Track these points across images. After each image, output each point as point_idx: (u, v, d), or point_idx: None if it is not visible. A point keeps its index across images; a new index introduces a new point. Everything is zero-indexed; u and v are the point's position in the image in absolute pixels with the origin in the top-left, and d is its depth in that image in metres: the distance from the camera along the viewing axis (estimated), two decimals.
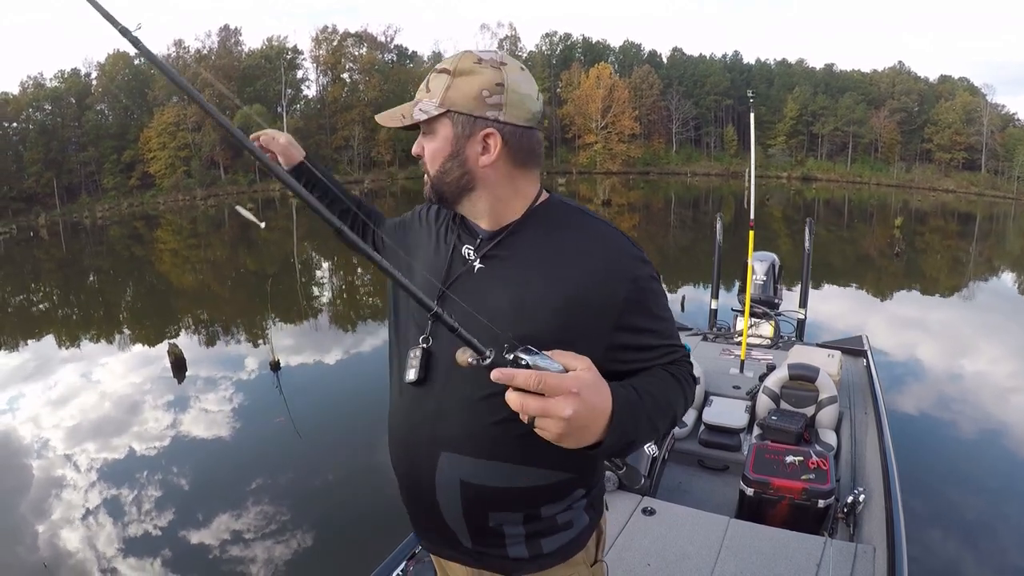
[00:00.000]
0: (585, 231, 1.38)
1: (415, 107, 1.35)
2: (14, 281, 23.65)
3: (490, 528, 1.41)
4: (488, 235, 1.42)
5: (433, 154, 1.37)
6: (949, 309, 14.35)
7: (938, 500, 5.55)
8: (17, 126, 51.54)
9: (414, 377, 1.39)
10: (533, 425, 1.06)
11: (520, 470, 1.36)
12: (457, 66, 1.32)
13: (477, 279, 1.39)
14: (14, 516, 6.14)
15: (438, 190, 1.40)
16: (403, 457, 1.48)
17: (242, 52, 59.52)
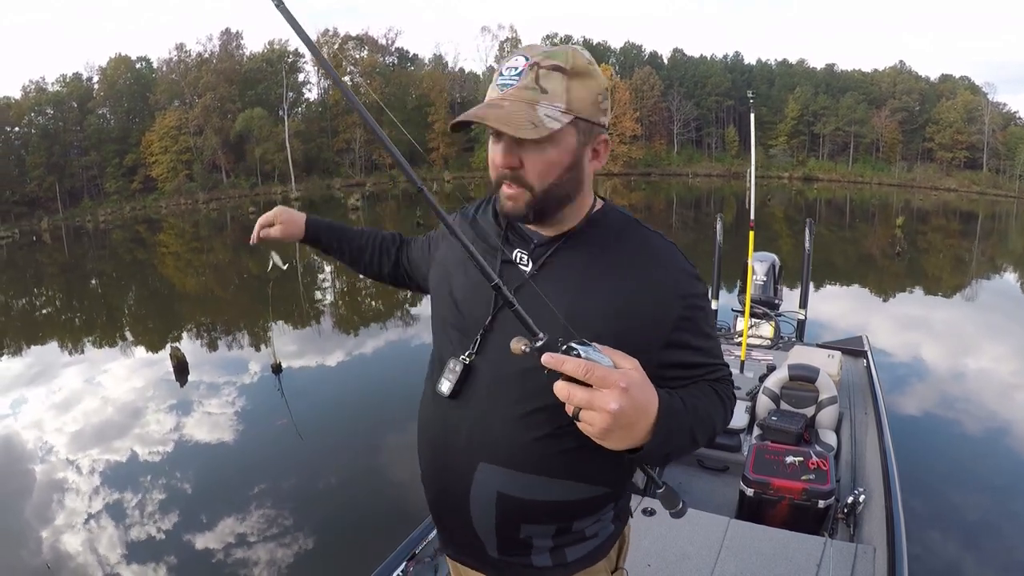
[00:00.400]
0: (642, 244, 1.35)
1: (535, 110, 1.19)
2: (17, 285, 23.71)
3: (520, 539, 1.39)
4: (544, 240, 1.37)
5: (548, 165, 1.24)
6: (951, 308, 14.34)
7: (939, 500, 5.55)
8: (19, 130, 51.67)
9: (447, 391, 1.37)
10: (577, 418, 1.02)
11: (559, 484, 1.34)
12: (573, 65, 1.22)
13: (534, 285, 1.32)
14: (18, 520, 6.16)
15: (542, 206, 1.28)
16: (435, 463, 1.46)
17: (243, 56, 59.58)
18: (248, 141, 54.04)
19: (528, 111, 1.18)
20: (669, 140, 63.48)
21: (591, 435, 1.03)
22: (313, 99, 62.83)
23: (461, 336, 1.39)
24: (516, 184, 1.25)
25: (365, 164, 59.78)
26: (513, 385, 1.30)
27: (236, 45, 59.40)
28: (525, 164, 1.23)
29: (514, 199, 1.27)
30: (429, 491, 1.53)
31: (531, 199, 1.26)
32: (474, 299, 1.37)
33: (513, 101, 1.20)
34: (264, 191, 53.17)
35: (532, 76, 1.20)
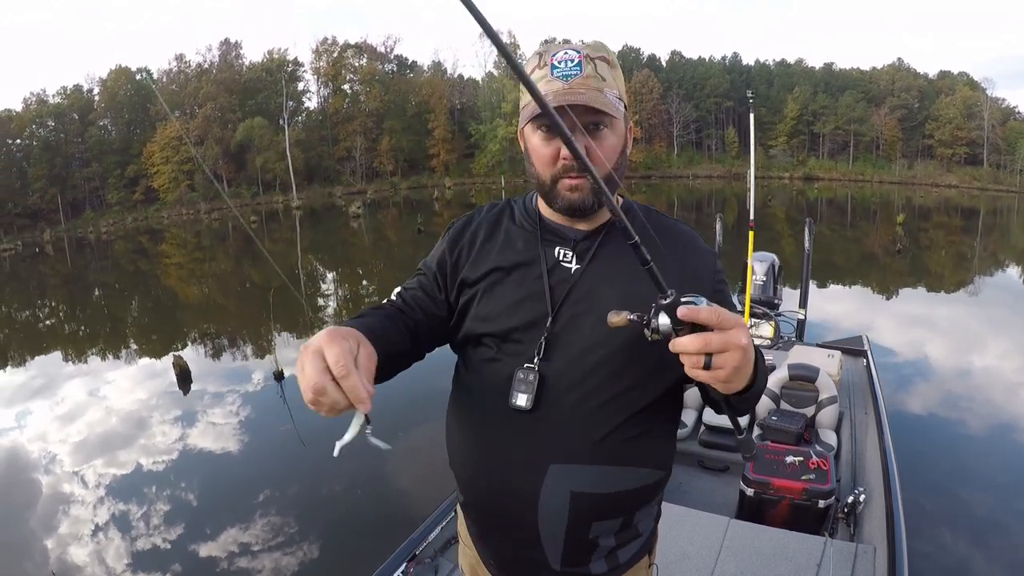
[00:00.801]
0: (671, 228, 1.43)
1: (604, 95, 1.26)
2: (20, 297, 23.74)
3: (588, 540, 1.37)
4: (584, 235, 1.39)
5: (612, 150, 1.30)
6: (952, 305, 14.32)
7: (939, 499, 5.54)
8: (21, 142, 51.99)
9: (526, 403, 1.31)
10: (708, 367, 1.02)
11: (631, 472, 1.35)
12: (613, 59, 1.31)
13: (584, 282, 1.35)
14: (23, 530, 6.17)
15: (606, 191, 1.25)
16: (495, 481, 1.39)
17: (243, 65, 59.76)
18: (249, 150, 54.15)
19: (600, 95, 1.24)
20: (669, 142, 63.48)
21: (720, 380, 1.05)
22: (313, 108, 63.05)
23: (516, 346, 1.36)
24: (582, 173, 1.27)
25: (366, 172, 59.86)
26: (588, 379, 1.31)
27: (235, 55, 59.68)
28: (590, 151, 1.23)
29: (580, 189, 1.29)
30: (483, 512, 1.47)
31: (600, 185, 1.20)
32: (528, 304, 1.35)
33: (587, 89, 1.24)
34: (265, 200, 53.31)
35: (591, 66, 1.26)
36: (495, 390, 1.35)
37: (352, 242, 29.98)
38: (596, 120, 1.25)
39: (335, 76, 61.61)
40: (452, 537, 3.56)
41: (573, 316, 1.31)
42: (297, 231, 35.98)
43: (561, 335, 1.32)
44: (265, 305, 11.90)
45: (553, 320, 1.32)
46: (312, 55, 62.01)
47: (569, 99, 1.21)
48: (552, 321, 1.32)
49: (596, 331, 1.29)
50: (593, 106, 1.22)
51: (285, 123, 56.12)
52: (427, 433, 7.34)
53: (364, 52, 62.88)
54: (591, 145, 1.24)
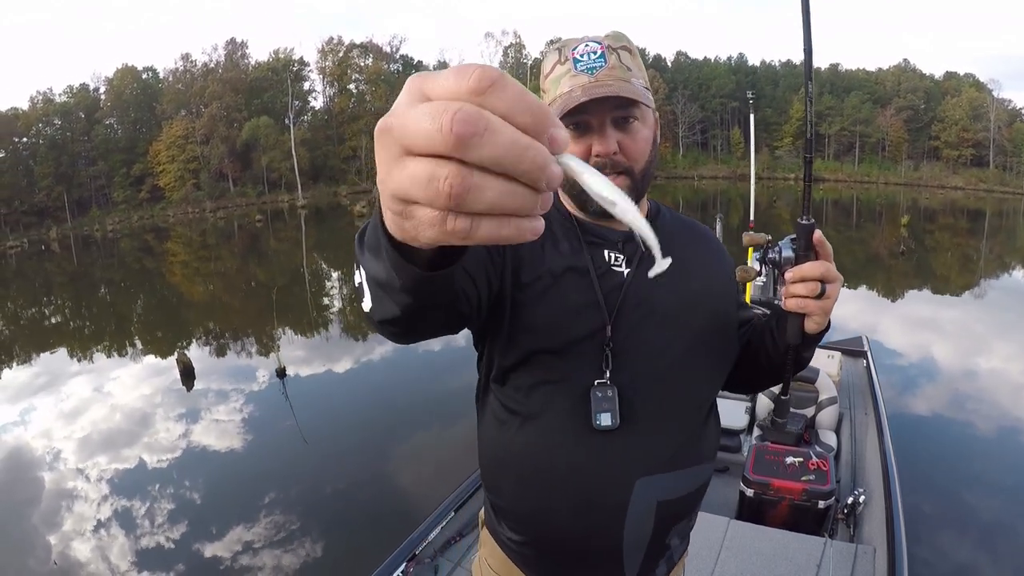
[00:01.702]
0: (693, 227, 1.47)
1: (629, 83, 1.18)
2: (26, 294, 23.83)
3: (665, 545, 1.34)
4: (626, 236, 1.29)
5: (645, 144, 1.23)
6: (953, 307, 14.27)
7: (939, 500, 5.53)
8: (27, 141, 52.14)
9: (612, 422, 1.21)
10: (821, 295, 1.17)
11: (699, 470, 1.33)
12: (632, 47, 1.24)
13: (638, 285, 1.25)
14: (27, 527, 6.20)
15: (641, 187, 1.25)
16: (580, 507, 1.27)
17: (249, 65, 59.87)
18: (254, 149, 54.23)
19: (630, 86, 1.18)
20: (674, 143, 63.43)
21: (826, 311, 1.20)
22: (319, 107, 63.12)
23: (577, 359, 1.23)
24: (614, 171, 1.20)
25: (371, 171, 59.81)
26: (661, 387, 1.26)
27: (241, 54, 59.77)
28: (623, 147, 1.20)
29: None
30: (559, 540, 1.33)
31: (631, 184, 1.21)
32: (585, 314, 1.22)
33: (615, 80, 1.18)
34: (271, 199, 53.39)
35: (615, 57, 1.19)
36: (568, 412, 1.23)
37: None
38: (626, 114, 1.19)
39: (341, 76, 61.72)
40: (452, 537, 3.59)
41: (633, 322, 1.23)
42: (302, 230, 36.03)
43: (625, 344, 1.22)
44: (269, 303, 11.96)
45: (613, 329, 1.22)
46: (318, 55, 62.24)
47: (599, 91, 1.15)
48: (612, 330, 1.22)
49: (660, 335, 1.25)
50: (627, 96, 1.16)
51: (291, 122, 56.18)
52: (427, 433, 7.39)
53: (370, 52, 63.01)
54: (624, 141, 1.20)
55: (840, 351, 6.07)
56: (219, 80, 55.77)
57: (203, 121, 53.60)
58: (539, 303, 1.22)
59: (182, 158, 52.29)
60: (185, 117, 54.71)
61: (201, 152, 52.93)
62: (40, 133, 52.73)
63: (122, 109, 55.68)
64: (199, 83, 56.06)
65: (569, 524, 1.29)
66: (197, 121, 53.84)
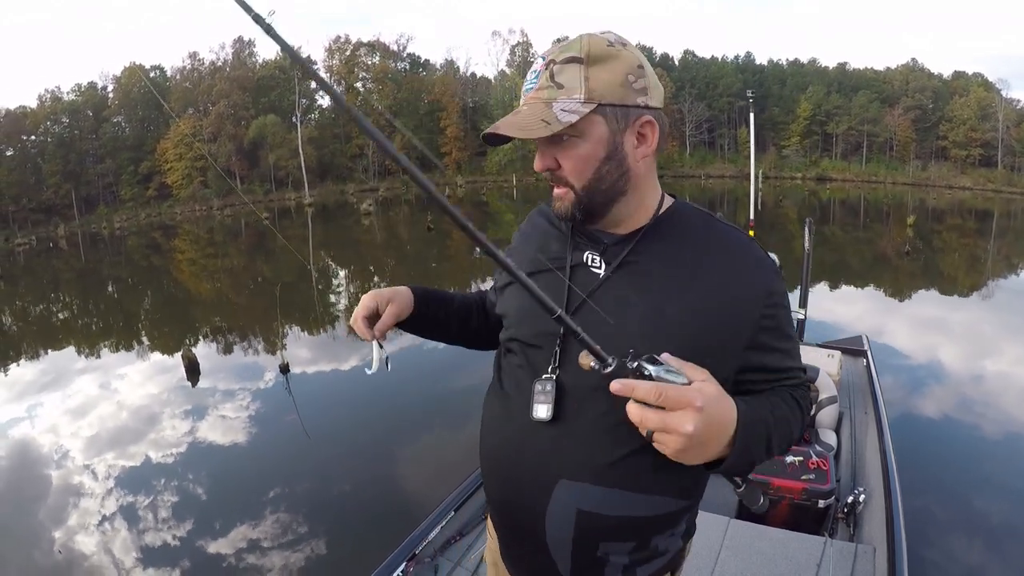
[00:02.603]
0: (720, 239, 1.28)
1: (551, 108, 1.16)
2: (34, 291, 23.90)
3: (596, 558, 1.31)
4: (616, 240, 1.30)
5: (583, 161, 1.20)
6: (957, 308, 14.21)
7: (939, 500, 5.52)
8: (36, 139, 52.41)
9: (546, 414, 1.26)
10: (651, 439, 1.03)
11: (644, 499, 1.26)
12: (589, 52, 1.16)
13: (608, 288, 1.27)
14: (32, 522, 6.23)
15: (589, 203, 1.23)
16: (509, 487, 1.38)
17: (256, 63, 59.98)
18: (262, 148, 54.33)
19: (543, 110, 1.16)
20: (681, 142, 63.30)
21: (667, 455, 1.04)
22: (326, 105, 63.13)
23: (537, 352, 1.32)
24: (560, 184, 1.24)
25: (379, 169, 59.93)
26: (600, 397, 1.16)
27: (248, 53, 59.87)
28: (561, 163, 1.21)
29: (561, 199, 1.25)
30: (501, 515, 1.47)
31: (575, 199, 1.23)
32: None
33: (531, 105, 1.19)
34: (278, 197, 53.49)
35: (547, 75, 1.18)
36: (517, 398, 1.34)
37: (363, 239, 30.06)
38: (560, 133, 1.16)
39: (348, 74, 61.73)
40: (452, 536, 3.59)
41: (591, 324, 1.12)
42: (309, 228, 36.07)
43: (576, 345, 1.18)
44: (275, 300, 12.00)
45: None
46: (325, 53, 62.27)
47: (494, 126, 1.19)
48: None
49: (614, 342, 1.11)
50: (504, 133, 1.17)
51: (298, 121, 56.27)
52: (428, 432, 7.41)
53: (377, 50, 62.99)
54: (560, 158, 1.21)
55: (840, 350, 6.07)
56: (227, 78, 55.89)
57: (211, 119, 53.72)
58: (512, 297, 1.40)
59: (189, 156, 52.42)
60: (193, 115, 54.84)
61: (208, 150, 53.03)
62: (48, 131, 52.94)
63: (130, 107, 55.87)
64: (206, 82, 56.20)
65: (504, 507, 1.43)
66: (204, 119, 53.95)
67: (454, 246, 24.05)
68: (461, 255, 21.17)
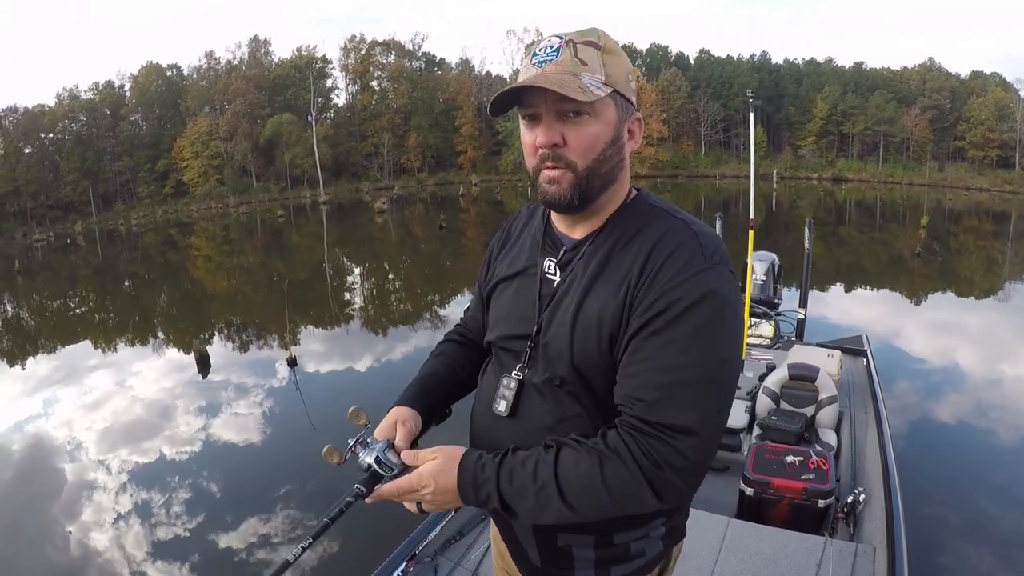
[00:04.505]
0: (651, 232, 1.24)
1: (578, 80, 1.17)
2: (51, 287, 24.16)
3: (559, 548, 1.37)
4: (572, 245, 1.33)
5: (593, 139, 1.20)
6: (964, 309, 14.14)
7: (939, 499, 5.52)
8: (54, 137, 52.63)
9: (504, 410, 1.36)
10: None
11: None
12: (605, 42, 1.22)
13: (559, 296, 1.30)
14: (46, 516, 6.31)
15: (587, 184, 1.22)
16: None
17: (272, 62, 60.21)
18: (277, 146, 54.54)
19: (573, 79, 1.16)
20: (696, 142, 62.90)
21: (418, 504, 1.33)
22: (341, 104, 63.33)
23: (509, 353, 1.40)
24: (558, 164, 1.21)
25: (393, 168, 60.00)
26: (545, 394, 1.31)
27: (264, 52, 60.10)
28: (568, 140, 1.20)
29: (558, 181, 1.22)
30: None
31: (575, 179, 1.21)
32: (522, 313, 1.36)
33: (555, 72, 1.17)
34: (293, 195, 53.69)
35: (570, 51, 1.19)
36: (489, 396, 1.42)
37: (378, 237, 30.17)
38: (572, 107, 1.18)
39: (363, 73, 61.81)
40: (452, 536, 3.60)
41: (546, 331, 1.30)
42: (324, 226, 36.21)
43: (541, 347, 1.31)
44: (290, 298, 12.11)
45: (537, 332, 1.32)
46: (340, 52, 62.31)
47: (530, 81, 1.17)
48: (536, 332, 1.32)
49: (557, 349, 1.27)
50: (548, 88, 1.14)
51: (313, 119, 56.34)
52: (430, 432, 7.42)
53: (392, 49, 63.00)
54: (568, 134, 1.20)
55: (840, 350, 6.05)
56: (242, 77, 56.13)
57: (227, 118, 53.97)
58: (493, 304, 1.49)
59: (206, 154, 52.69)
60: (209, 114, 55.10)
61: (224, 148, 53.29)
62: (66, 129, 53.22)
63: (147, 106, 56.24)
64: (223, 80, 56.49)
65: None
66: (221, 118, 54.21)
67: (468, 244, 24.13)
68: (475, 254, 21.23)
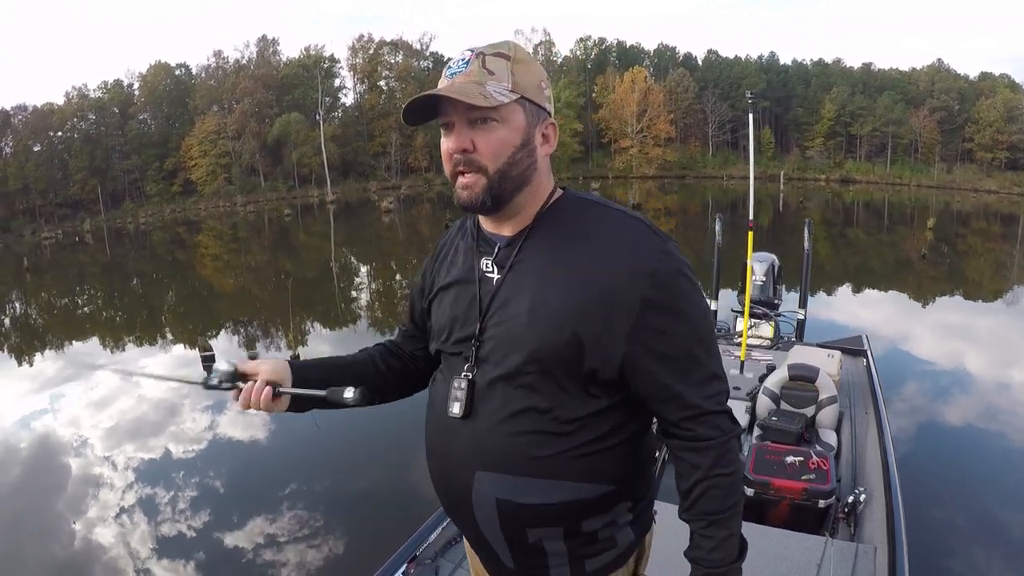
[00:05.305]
0: (599, 223, 1.32)
1: (484, 87, 1.23)
2: (60, 284, 24.27)
3: (530, 545, 1.36)
4: (506, 242, 1.36)
5: (501, 144, 1.26)
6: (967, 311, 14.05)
7: (940, 499, 5.49)
8: (63, 135, 53.07)
9: (459, 411, 1.35)
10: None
11: (556, 485, 1.30)
12: (515, 53, 1.28)
13: (501, 293, 1.34)
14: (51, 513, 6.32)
15: (499, 187, 1.27)
16: (440, 478, 1.46)
17: (280, 62, 60.38)
18: (285, 145, 54.70)
19: (477, 88, 1.22)
20: (704, 142, 62.83)
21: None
22: (349, 104, 63.47)
23: (457, 357, 1.41)
24: (471, 169, 1.26)
25: (401, 167, 60.11)
26: (497, 390, 1.32)
27: (273, 51, 60.28)
28: (478, 146, 1.25)
29: (470, 187, 1.27)
30: (447, 511, 1.54)
31: (487, 183, 1.27)
32: (465, 315, 1.38)
33: (462, 82, 1.24)
34: (301, 194, 53.83)
35: (478, 63, 1.25)
36: (442, 400, 1.42)
37: (384, 237, 30.24)
38: (480, 115, 1.24)
39: (371, 73, 61.95)
40: (453, 538, 3.56)
41: (492, 327, 1.33)
42: (331, 225, 36.29)
43: (485, 345, 1.34)
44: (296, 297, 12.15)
45: (480, 331, 1.35)
46: (348, 52, 62.51)
47: (428, 91, 1.23)
48: (479, 332, 1.35)
49: (509, 343, 1.30)
50: (446, 94, 1.21)
51: (321, 119, 56.48)
52: None
53: (400, 49, 63.14)
54: (478, 139, 1.25)
55: (840, 350, 6.02)
56: (251, 76, 56.31)
57: (235, 117, 54.14)
58: (435, 312, 1.51)
59: (214, 153, 52.88)
60: (217, 113, 55.28)
61: (232, 147, 53.47)
62: (75, 127, 53.62)
63: (155, 104, 56.48)
64: (231, 79, 56.67)
65: (443, 503, 1.51)
66: (229, 117, 54.38)
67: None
68: None
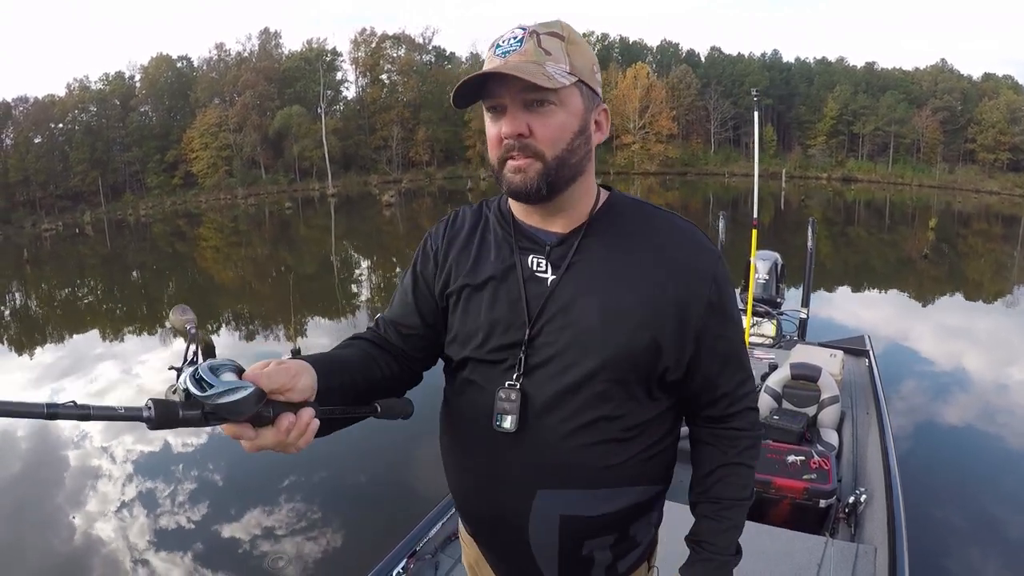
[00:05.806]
0: (662, 227, 1.29)
1: (542, 68, 1.14)
2: (60, 276, 24.24)
3: (582, 558, 1.31)
4: (558, 240, 1.28)
5: (560, 128, 1.18)
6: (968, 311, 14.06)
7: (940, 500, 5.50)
8: (63, 127, 53.08)
9: (512, 425, 1.23)
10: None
11: (620, 492, 1.28)
12: (568, 34, 1.19)
13: (560, 294, 1.24)
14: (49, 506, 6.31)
15: (556, 174, 1.19)
16: (485, 502, 1.36)
17: (282, 55, 60.32)
18: (286, 138, 54.67)
19: (537, 68, 1.13)
20: (706, 139, 62.82)
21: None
22: (351, 97, 63.44)
23: (498, 366, 1.28)
24: (525, 154, 1.18)
25: (402, 161, 60.10)
26: (566, 400, 1.22)
27: (275, 44, 60.23)
28: (535, 130, 1.17)
29: (524, 170, 1.18)
30: (479, 529, 1.45)
31: (543, 169, 1.18)
32: (509, 319, 1.26)
33: (520, 61, 1.14)
34: (302, 187, 53.83)
35: (533, 41, 1.16)
36: (481, 413, 1.28)
37: (385, 230, 30.25)
38: (537, 96, 1.15)
39: (373, 66, 61.90)
40: (453, 533, 3.55)
41: (551, 332, 1.22)
42: (332, 218, 36.27)
43: (540, 352, 1.24)
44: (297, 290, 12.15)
45: (530, 336, 1.24)
46: (351, 45, 62.46)
47: (484, 70, 1.15)
48: (529, 337, 1.24)
49: (573, 348, 1.21)
50: (513, 74, 1.12)
51: (322, 112, 56.48)
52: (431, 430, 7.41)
53: (402, 43, 63.09)
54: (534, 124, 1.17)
55: (842, 350, 6.00)
56: (252, 69, 56.27)
57: (236, 109, 54.12)
58: (460, 314, 1.33)
59: (215, 145, 52.87)
60: (219, 105, 55.25)
61: (233, 140, 53.47)
62: (76, 119, 53.58)
63: (156, 97, 56.46)
64: (233, 72, 56.64)
65: (484, 525, 1.42)
66: (230, 110, 54.36)
67: None
68: None
